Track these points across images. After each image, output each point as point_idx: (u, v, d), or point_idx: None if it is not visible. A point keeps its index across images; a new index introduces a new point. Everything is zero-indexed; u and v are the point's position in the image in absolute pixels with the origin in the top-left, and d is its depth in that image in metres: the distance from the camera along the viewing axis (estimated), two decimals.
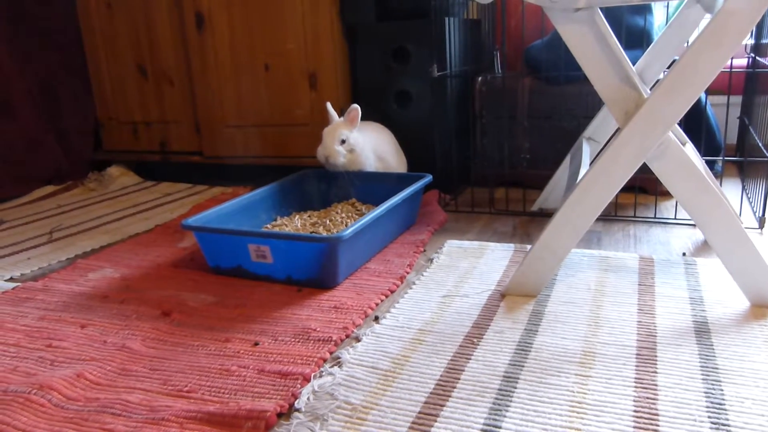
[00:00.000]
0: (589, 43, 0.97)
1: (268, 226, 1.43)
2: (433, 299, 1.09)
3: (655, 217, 1.48)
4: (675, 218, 1.45)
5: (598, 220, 1.49)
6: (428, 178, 1.47)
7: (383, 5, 1.72)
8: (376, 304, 1.08)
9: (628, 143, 0.97)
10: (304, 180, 1.60)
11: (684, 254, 1.25)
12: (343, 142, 1.47)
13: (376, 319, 1.03)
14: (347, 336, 0.97)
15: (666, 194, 1.64)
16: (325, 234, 1.32)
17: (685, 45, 1.39)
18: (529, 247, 1.31)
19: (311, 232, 1.35)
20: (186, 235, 1.53)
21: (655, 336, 0.91)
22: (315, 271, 1.14)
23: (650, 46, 1.35)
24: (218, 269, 1.25)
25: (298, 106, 1.86)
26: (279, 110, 1.89)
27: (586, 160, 1.27)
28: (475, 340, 0.93)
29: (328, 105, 1.53)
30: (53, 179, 2.12)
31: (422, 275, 1.20)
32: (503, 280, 1.15)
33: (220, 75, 1.93)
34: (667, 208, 1.54)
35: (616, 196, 1.40)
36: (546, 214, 1.55)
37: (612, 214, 1.50)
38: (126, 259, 1.38)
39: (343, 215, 1.45)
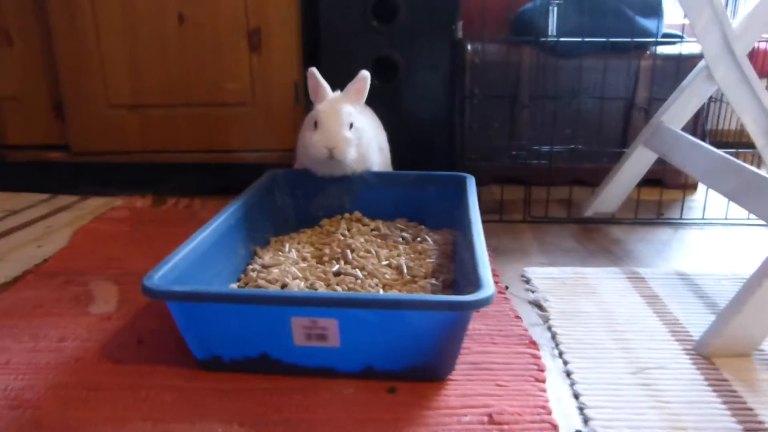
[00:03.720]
0: None
1: (257, 266, 0.87)
2: (622, 380, 0.68)
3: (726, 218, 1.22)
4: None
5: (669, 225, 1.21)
6: (471, 178, 1.04)
7: None
8: (544, 407, 0.64)
9: None
10: (274, 187, 1.06)
11: None
12: (350, 126, 0.97)
13: None
14: None
15: (691, 187, 1.41)
16: (398, 291, 0.81)
17: None
18: (638, 270, 0.96)
19: (334, 274, 0.84)
20: (91, 289, 0.90)
21: None
22: (422, 357, 0.65)
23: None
24: (214, 363, 0.68)
25: (231, 78, 1.27)
26: (200, 83, 1.28)
27: (708, 148, 0.95)
28: None
29: (314, 71, 1.00)
30: None
31: (556, 335, 0.78)
32: (679, 332, 0.78)
33: (101, 28, 1.25)
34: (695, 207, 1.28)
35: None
36: (605, 221, 1.21)
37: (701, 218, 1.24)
38: (3, 345, 0.73)
39: (362, 239, 0.95)
